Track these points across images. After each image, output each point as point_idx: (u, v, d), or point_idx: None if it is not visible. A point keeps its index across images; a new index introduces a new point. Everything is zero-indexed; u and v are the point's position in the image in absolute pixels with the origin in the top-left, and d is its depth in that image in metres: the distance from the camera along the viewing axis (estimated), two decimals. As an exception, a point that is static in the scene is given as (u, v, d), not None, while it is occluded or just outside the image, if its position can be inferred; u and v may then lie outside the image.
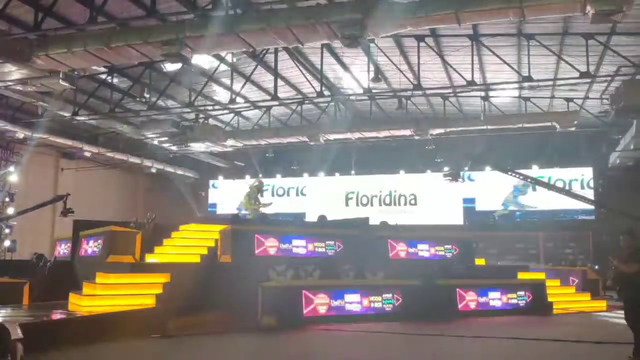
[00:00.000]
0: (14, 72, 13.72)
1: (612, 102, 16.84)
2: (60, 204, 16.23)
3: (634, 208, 21.18)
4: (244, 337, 9.13)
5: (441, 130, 21.22)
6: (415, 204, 27.58)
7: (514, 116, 20.74)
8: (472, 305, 11.85)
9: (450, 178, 20.81)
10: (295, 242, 11.96)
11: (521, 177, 20.07)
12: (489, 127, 20.67)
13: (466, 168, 24.50)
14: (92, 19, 12.92)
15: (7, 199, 22.88)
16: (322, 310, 10.25)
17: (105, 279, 9.84)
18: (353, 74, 19.46)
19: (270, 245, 11.60)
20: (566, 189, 22.27)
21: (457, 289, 11.81)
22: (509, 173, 20.00)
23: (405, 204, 27.81)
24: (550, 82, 18.52)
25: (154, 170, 27.77)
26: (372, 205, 28.24)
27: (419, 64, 16.66)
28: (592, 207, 23.62)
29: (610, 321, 12.10)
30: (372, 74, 17.56)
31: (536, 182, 22.20)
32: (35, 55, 12.88)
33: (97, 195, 22.57)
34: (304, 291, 10.24)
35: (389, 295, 11.02)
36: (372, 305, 10.82)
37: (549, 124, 19.84)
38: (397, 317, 10.69)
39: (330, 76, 19.81)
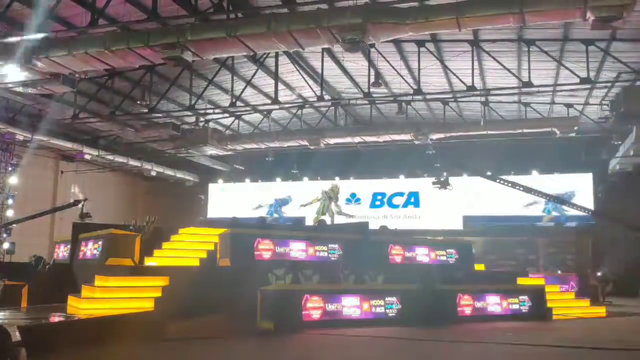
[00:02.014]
0: (15, 75, 13.73)
1: (612, 108, 16.88)
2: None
3: (633, 214, 21.20)
4: (242, 342, 9.10)
5: (441, 135, 21.27)
6: (415, 208, 27.57)
7: (513, 121, 20.77)
8: (472, 310, 11.83)
9: (439, 186, 21.26)
10: (295, 246, 11.94)
11: (510, 185, 20.13)
12: (489, 132, 20.70)
13: (465, 175, 24.61)
14: (93, 22, 12.96)
15: (9, 201, 22.87)
16: (321, 314, 10.22)
17: (104, 282, 9.82)
18: (353, 79, 19.50)
19: (270, 249, 11.58)
20: (557, 196, 22.26)
21: (457, 294, 11.78)
22: (498, 181, 20.08)
23: (405, 207, 27.80)
24: (551, 88, 18.56)
25: (153, 173, 27.78)
26: (371, 209, 28.22)
27: (419, 68, 16.70)
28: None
29: (609, 327, 12.09)
30: (372, 79, 17.61)
31: (525, 189, 22.25)
32: (37, 57, 12.91)
33: (97, 197, 22.57)
34: (303, 295, 10.21)
35: (389, 300, 10.99)
36: (371, 309, 10.79)
37: (549, 129, 19.87)
38: (397, 322, 10.67)
39: (331, 80, 19.85)
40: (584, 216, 24.21)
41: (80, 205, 19.66)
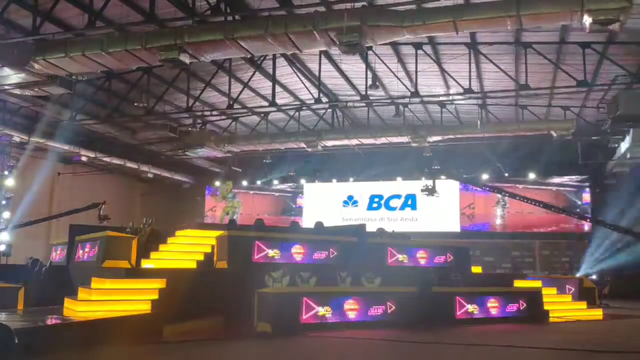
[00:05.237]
0: (12, 76, 13.72)
1: (608, 111, 16.91)
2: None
3: (630, 217, 21.26)
4: (239, 344, 9.09)
5: (438, 138, 21.29)
6: (412, 211, 27.61)
7: (511, 124, 20.80)
8: (469, 312, 11.83)
9: (427, 193, 21.75)
10: (292, 248, 11.94)
11: (495, 191, 20.25)
12: (486, 134, 20.73)
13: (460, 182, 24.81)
14: (90, 23, 12.96)
15: (3, 202, 22.82)
16: (319, 316, 10.19)
17: (100, 284, 9.80)
18: (351, 81, 19.51)
19: (267, 252, 11.57)
20: (544, 202, 22.32)
21: (455, 297, 11.78)
22: (484, 187, 20.19)
23: (402, 209, 27.83)
24: (548, 91, 18.60)
25: (150, 175, 27.72)
26: (368, 211, 28.25)
27: (416, 71, 16.73)
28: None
29: (606, 330, 12.09)
30: (369, 81, 17.62)
31: (511, 195, 22.42)
32: (33, 59, 12.89)
33: (94, 200, 22.49)
34: (301, 298, 10.19)
35: (386, 302, 10.99)
36: (369, 312, 10.79)
37: (546, 132, 19.91)
38: (394, 324, 10.65)
39: (328, 83, 19.86)
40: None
41: (100, 208, 19.94)
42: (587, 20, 10.31)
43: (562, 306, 13.63)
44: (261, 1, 13.41)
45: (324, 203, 28.52)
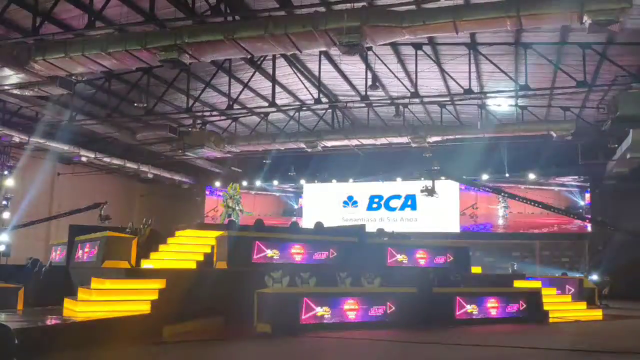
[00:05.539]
0: (12, 77, 13.72)
1: (608, 112, 16.90)
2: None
3: (629, 217, 21.27)
4: (239, 344, 9.10)
5: (438, 138, 21.28)
6: (412, 211, 27.60)
7: (510, 124, 20.80)
8: (469, 313, 11.83)
9: (426, 193, 21.96)
10: (292, 248, 11.94)
11: (495, 192, 20.27)
12: (486, 135, 20.72)
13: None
14: (90, 24, 12.96)
15: (4, 203, 22.81)
16: (318, 317, 10.20)
17: (100, 285, 9.80)
18: (351, 82, 19.51)
19: (266, 252, 11.57)
20: (543, 203, 22.32)
21: (455, 297, 11.78)
22: (483, 188, 20.22)
23: (402, 210, 27.82)
24: (547, 91, 18.59)
25: (150, 176, 27.71)
26: (368, 212, 28.24)
27: (416, 71, 16.72)
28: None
29: (606, 330, 12.09)
30: (369, 82, 17.62)
31: (510, 196, 22.45)
32: (33, 60, 12.90)
33: (93, 200, 22.51)
34: (300, 298, 10.19)
35: (386, 303, 10.99)
36: (368, 312, 10.79)
37: (546, 132, 19.90)
38: (394, 325, 10.66)
39: (328, 83, 19.85)
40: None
41: (101, 208, 20.07)
42: (587, 20, 10.31)
43: (562, 306, 13.63)
44: (261, 1, 13.41)
45: (323, 203, 28.52)
